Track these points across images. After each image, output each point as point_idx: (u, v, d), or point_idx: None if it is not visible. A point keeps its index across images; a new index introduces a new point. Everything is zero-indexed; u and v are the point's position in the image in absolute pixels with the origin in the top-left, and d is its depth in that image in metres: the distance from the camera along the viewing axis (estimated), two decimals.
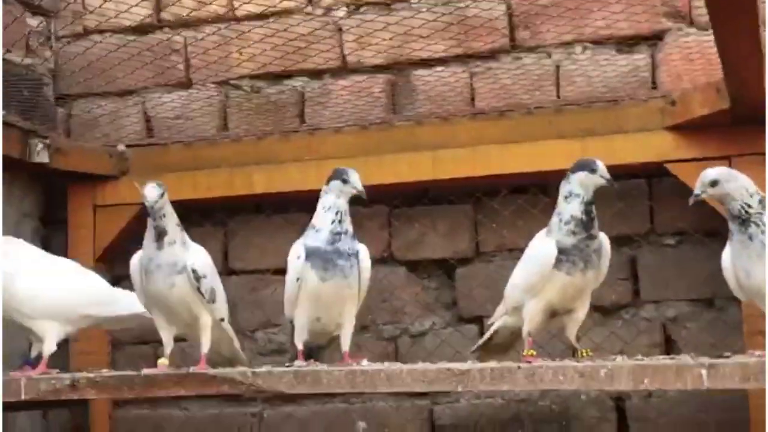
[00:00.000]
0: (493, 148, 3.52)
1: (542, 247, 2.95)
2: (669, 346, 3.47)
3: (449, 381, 2.84)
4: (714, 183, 2.78)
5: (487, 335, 3.15)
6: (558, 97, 3.66)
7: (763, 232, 2.76)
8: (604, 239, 2.98)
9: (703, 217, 3.38)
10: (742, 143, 3.27)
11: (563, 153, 3.40)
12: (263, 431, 3.76)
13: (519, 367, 2.80)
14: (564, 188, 2.94)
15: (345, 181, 3.05)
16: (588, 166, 2.93)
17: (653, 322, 3.49)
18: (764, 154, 3.24)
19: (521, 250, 3.48)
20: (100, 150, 3.81)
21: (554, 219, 2.96)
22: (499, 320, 3.11)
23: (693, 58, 3.54)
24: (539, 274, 2.94)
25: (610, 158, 3.29)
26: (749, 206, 2.77)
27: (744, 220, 2.77)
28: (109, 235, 3.77)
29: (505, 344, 3.17)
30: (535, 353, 2.94)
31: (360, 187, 3.04)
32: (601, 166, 2.93)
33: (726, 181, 2.79)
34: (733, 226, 2.81)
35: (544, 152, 3.46)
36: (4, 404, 3.17)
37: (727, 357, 2.81)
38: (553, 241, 2.92)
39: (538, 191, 3.57)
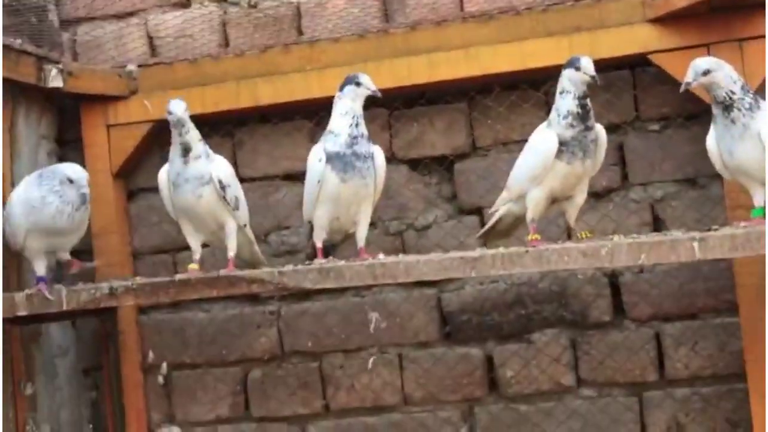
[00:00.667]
0: (485, 49, 3.71)
1: (544, 140, 3.19)
2: (657, 225, 3.71)
3: (463, 268, 3.09)
4: (706, 72, 3.03)
5: (491, 222, 3.40)
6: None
7: (744, 116, 3.00)
8: (600, 130, 3.25)
9: (684, 103, 3.62)
10: (720, 31, 3.48)
11: (551, 50, 3.62)
12: (282, 327, 3.99)
13: (527, 251, 3.06)
14: (559, 85, 3.21)
15: (358, 84, 3.27)
16: (573, 64, 3.19)
17: (642, 203, 3.74)
18: (740, 39, 3.48)
19: (515, 143, 3.76)
20: (110, 71, 3.97)
21: (553, 113, 3.21)
22: (502, 208, 3.35)
23: None
24: (542, 165, 3.18)
25: (596, 52, 3.54)
26: (733, 93, 3.02)
27: (728, 106, 3.02)
28: (123, 153, 3.96)
29: (508, 230, 3.43)
30: (539, 237, 3.19)
31: (373, 87, 3.27)
32: (584, 62, 3.17)
33: (715, 70, 3.03)
34: (717, 110, 3.06)
35: (532, 50, 3.66)
36: (42, 316, 3.42)
37: (716, 230, 3.07)
38: (554, 134, 3.16)
39: (528, 87, 3.78)
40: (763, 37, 3.45)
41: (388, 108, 3.91)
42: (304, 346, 3.96)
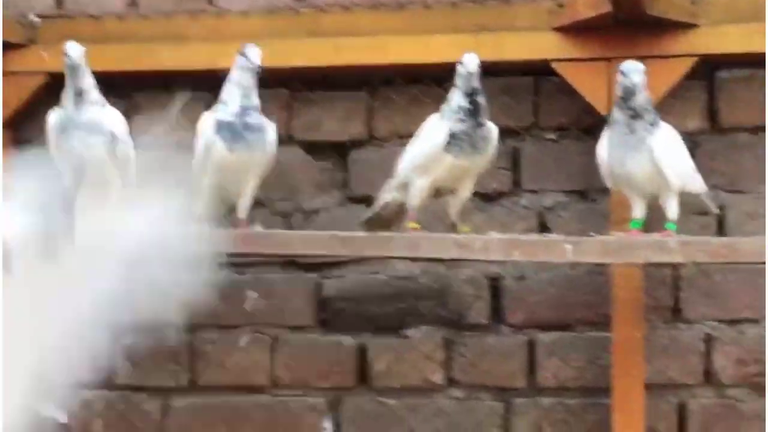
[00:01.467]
0: (392, 38, 3.69)
1: (434, 130, 3.19)
2: (543, 232, 3.72)
3: (336, 246, 3.07)
4: (642, 72, 3.08)
5: (375, 208, 3.38)
6: None
7: (645, 129, 3.05)
8: (492, 128, 3.25)
9: (583, 115, 3.63)
10: (623, 46, 3.49)
11: (457, 47, 3.58)
12: None
13: (402, 236, 3.04)
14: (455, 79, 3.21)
15: (244, 56, 3.23)
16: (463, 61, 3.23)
17: (530, 210, 3.73)
18: (642, 57, 3.49)
19: (412, 137, 3.73)
20: (10, 17, 3.88)
21: (445, 106, 3.22)
22: (387, 195, 3.34)
23: None
24: (429, 155, 3.18)
25: (501, 54, 3.56)
26: (645, 104, 3.03)
27: (636, 115, 3.04)
28: (16, 101, 3.87)
29: (391, 218, 3.40)
30: (418, 227, 3.18)
31: (256, 61, 3.22)
32: (467, 60, 3.21)
33: (645, 74, 3.09)
34: (621, 116, 3.09)
35: (439, 45, 3.64)
36: None
37: (591, 236, 3.09)
38: (446, 125, 3.14)
39: (432, 82, 3.76)
40: (664, 57, 3.49)
41: (289, 88, 3.88)
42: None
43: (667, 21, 3.46)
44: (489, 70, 3.56)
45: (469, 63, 3.19)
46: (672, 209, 3.11)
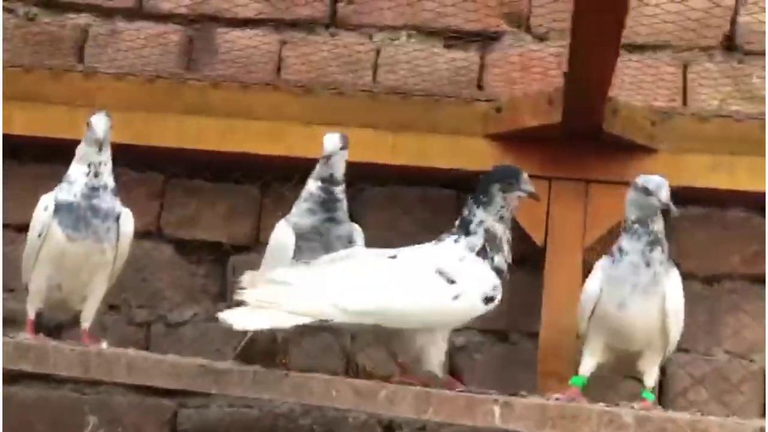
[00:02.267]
0: (295, 126, 3.11)
1: (278, 235, 2.65)
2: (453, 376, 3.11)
3: (203, 380, 2.39)
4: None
5: (248, 337, 2.71)
6: (374, 83, 3.27)
7: (661, 263, 2.49)
8: (357, 230, 2.69)
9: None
10: (568, 165, 2.98)
11: (373, 144, 3.04)
12: None
13: (287, 375, 2.38)
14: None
15: (89, 126, 2.62)
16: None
17: None
18: (588, 180, 2.98)
19: None
20: None
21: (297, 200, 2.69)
22: None
23: (526, 66, 3.24)
24: (274, 259, 2.62)
25: (422, 159, 3.04)
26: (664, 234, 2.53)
27: (655, 240, 2.49)
28: None
29: (271, 351, 2.73)
30: (286, 360, 2.57)
31: (100, 134, 2.61)
32: (328, 140, 2.68)
33: None
34: (633, 244, 2.49)
35: (352, 140, 3.05)
36: None
37: (523, 396, 2.47)
38: (290, 226, 2.61)
39: None
40: (615, 183, 2.95)
41: (164, 173, 3.24)
42: None
43: (622, 142, 2.93)
44: (407, 177, 3.00)
45: (330, 143, 2.66)
46: (652, 374, 2.55)
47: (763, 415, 2.77)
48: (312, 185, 2.65)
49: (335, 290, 2.30)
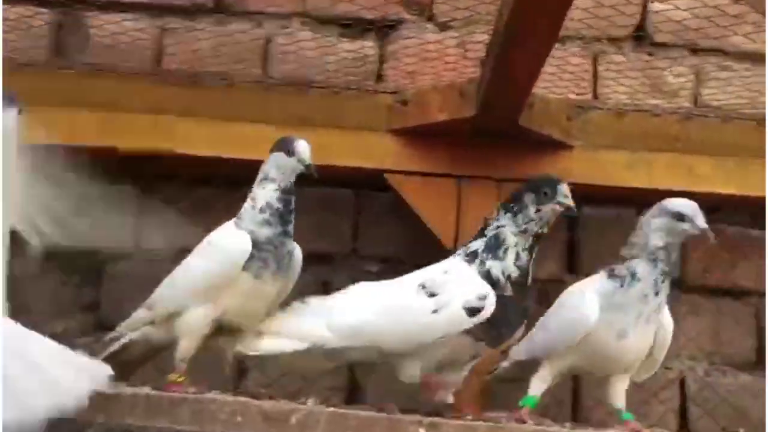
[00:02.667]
0: (179, 121, 2.84)
1: (232, 239, 2.37)
2: (354, 393, 2.88)
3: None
4: None
5: (114, 347, 2.45)
6: (265, 74, 3.01)
7: (666, 295, 2.32)
8: (295, 246, 2.45)
9: (417, 245, 2.85)
10: (478, 163, 2.78)
11: (267, 140, 2.75)
12: None
13: (185, 398, 2.10)
14: (261, 171, 2.43)
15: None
16: (284, 146, 2.42)
17: None
18: (499, 180, 2.77)
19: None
20: None
21: (247, 205, 2.42)
22: (134, 332, 2.44)
23: (429, 57, 3.03)
24: (224, 274, 2.33)
25: (324, 157, 2.77)
26: None
27: (668, 273, 2.30)
28: None
29: (137, 361, 2.49)
30: (182, 380, 2.28)
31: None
32: (302, 148, 2.41)
33: None
34: (648, 269, 2.29)
35: (244, 135, 2.81)
36: None
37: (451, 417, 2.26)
38: (246, 233, 2.35)
39: (226, 182, 2.91)
40: (524, 181, 2.76)
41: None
42: None
43: (535, 138, 2.74)
44: (303, 176, 2.76)
45: (302, 149, 2.40)
46: (623, 395, 2.36)
47: (685, 425, 2.62)
48: (270, 194, 2.39)
49: (329, 313, 2.26)
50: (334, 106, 2.84)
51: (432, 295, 2.19)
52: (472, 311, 2.16)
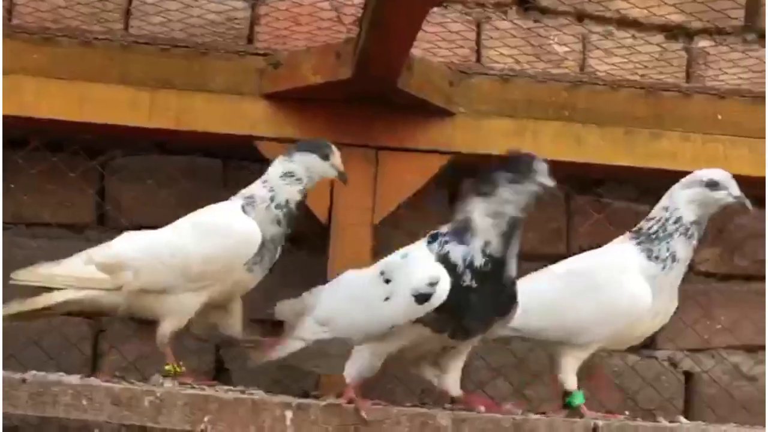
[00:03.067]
0: (29, 81, 2.59)
1: (244, 230, 2.25)
2: (222, 374, 2.70)
3: None
4: None
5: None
6: (126, 31, 2.79)
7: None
8: None
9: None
10: (355, 129, 2.61)
11: (126, 103, 2.61)
12: None
13: (24, 381, 1.89)
14: (284, 164, 2.31)
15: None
16: (321, 150, 2.32)
17: (207, 343, 2.71)
18: (378, 148, 2.61)
19: (44, 226, 2.69)
20: None
21: (260, 193, 2.29)
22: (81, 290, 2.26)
23: (302, 20, 2.83)
24: (227, 264, 2.23)
25: (188, 122, 2.62)
26: None
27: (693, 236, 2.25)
28: None
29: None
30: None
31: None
32: (337, 155, 2.33)
33: None
34: (686, 248, 2.22)
35: (101, 98, 2.60)
36: None
37: (316, 397, 2.09)
38: (256, 224, 2.25)
39: (82, 149, 2.68)
40: (407, 150, 2.61)
41: None
42: None
43: (416, 104, 2.58)
44: (167, 143, 2.56)
45: (338, 155, 2.37)
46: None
47: (566, 405, 2.48)
48: (294, 194, 2.29)
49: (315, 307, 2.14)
50: (200, 68, 2.64)
51: (387, 281, 2.01)
52: (420, 298, 1.94)
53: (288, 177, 2.29)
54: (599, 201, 2.87)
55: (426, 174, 2.61)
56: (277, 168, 2.30)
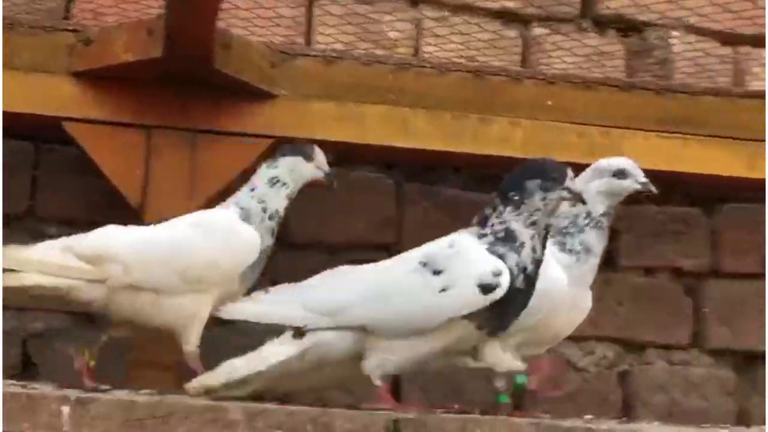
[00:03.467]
0: None
1: (248, 239, 2.19)
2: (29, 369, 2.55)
3: None
4: None
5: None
6: None
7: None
8: None
9: (97, 204, 2.55)
10: (171, 112, 2.50)
11: None
12: None
13: None
14: (269, 170, 2.25)
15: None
16: (303, 152, 2.26)
17: (13, 335, 2.56)
18: (198, 131, 2.50)
19: None
20: None
21: (253, 202, 2.22)
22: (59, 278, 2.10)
23: None
24: (229, 269, 2.16)
25: None
26: None
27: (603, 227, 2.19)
28: None
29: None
30: None
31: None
32: (321, 154, 2.27)
33: None
34: (598, 240, 2.17)
35: None
36: None
37: (105, 390, 1.96)
38: (257, 233, 2.20)
39: None
40: (226, 133, 2.50)
41: None
42: None
43: (236, 85, 2.47)
44: None
45: (321, 155, 2.30)
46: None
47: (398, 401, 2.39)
48: (282, 201, 2.24)
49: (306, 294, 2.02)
50: (5, 44, 2.47)
51: (437, 272, 1.89)
52: (486, 288, 1.87)
53: (274, 183, 2.23)
54: (430, 188, 2.79)
55: (246, 159, 2.50)
56: (262, 176, 2.24)
